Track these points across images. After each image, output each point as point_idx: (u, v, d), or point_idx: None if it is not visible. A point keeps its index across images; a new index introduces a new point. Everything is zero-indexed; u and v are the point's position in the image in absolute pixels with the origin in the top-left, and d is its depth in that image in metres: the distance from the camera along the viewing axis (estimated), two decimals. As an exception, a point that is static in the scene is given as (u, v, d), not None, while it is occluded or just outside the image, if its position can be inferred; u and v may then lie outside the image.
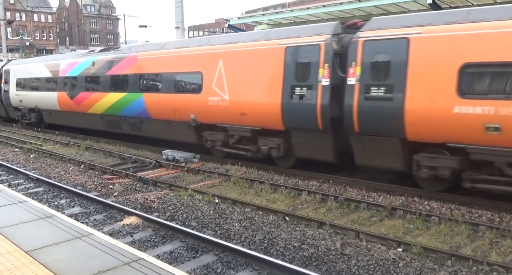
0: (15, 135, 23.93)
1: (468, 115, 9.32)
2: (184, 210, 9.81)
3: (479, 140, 9.35)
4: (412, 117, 10.10)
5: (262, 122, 13.29)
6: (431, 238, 8.27)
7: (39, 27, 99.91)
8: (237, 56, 13.89)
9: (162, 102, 16.28)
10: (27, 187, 12.44)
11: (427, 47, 9.99)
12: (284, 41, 12.76)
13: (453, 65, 9.57)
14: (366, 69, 10.91)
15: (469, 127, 9.36)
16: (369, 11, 21.16)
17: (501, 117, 8.95)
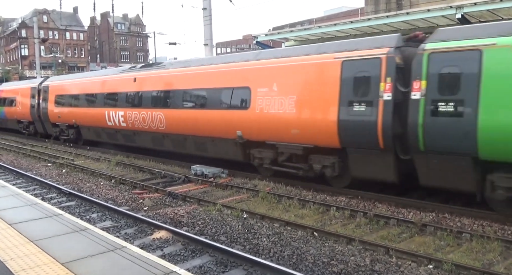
0: (48, 150, 24.49)
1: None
2: (213, 224, 9.89)
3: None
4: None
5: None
6: (462, 255, 8.15)
7: (71, 45, 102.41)
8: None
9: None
10: (60, 201, 12.73)
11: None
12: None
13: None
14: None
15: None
16: (397, 27, 21.13)
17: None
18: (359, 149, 11.92)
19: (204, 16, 24.94)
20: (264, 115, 13.91)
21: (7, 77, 75.05)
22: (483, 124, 9.41)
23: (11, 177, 16.67)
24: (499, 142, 9.26)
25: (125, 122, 20.32)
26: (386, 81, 11.14)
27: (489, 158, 9.59)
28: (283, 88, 13.50)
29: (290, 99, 13.27)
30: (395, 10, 28.36)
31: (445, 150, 10.11)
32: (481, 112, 9.47)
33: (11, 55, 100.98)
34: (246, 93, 14.55)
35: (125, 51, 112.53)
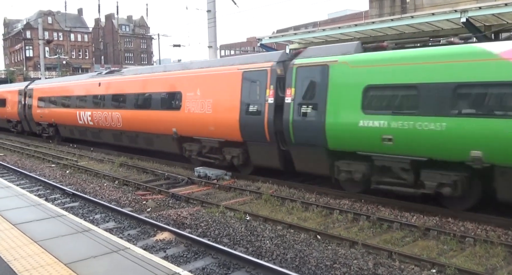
0: (51, 151, 24.57)
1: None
2: (216, 226, 9.89)
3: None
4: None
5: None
6: (465, 259, 8.13)
7: (75, 47, 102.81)
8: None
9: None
10: (63, 201, 12.76)
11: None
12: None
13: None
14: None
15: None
16: (401, 30, 21.12)
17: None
18: (254, 142, 14.70)
19: (209, 18, 25.01)
20: (191, 115, 16.68)
21: (12, 78, 75.34)
22: (329, 122, 12.19)
23: (15, 178, 16.73)
24: (339, 135, 12.07)
25: (92, 121, 23.25)
26: (270, 88, 13.97)
27: (335, 149, 12.33)
28: (204, 93, 16.29)
29: (208, 102, 16.05)
30: (400, 13, 28.35)
31: (307, 142, 12.90)
32: (327, 113, 12.24)
33: (16, 56, 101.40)
34: (179, 96, 17.38)
35: (129, 53, 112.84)
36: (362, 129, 11.41)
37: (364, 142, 11.49)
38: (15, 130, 35.73)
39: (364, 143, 11.50)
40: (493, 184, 9.97)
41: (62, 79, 31.96)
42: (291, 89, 13.28)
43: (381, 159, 11.33)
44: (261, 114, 14.06)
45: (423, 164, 10.68)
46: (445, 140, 10.03)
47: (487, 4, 17.47)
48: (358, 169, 11.90)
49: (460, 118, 9.89)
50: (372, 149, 11.40)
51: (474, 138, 9.66)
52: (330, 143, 12.25)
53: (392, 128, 10.85)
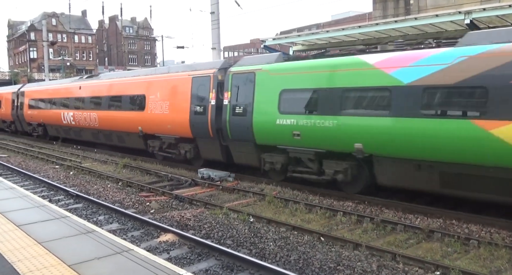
0: (55, 152, 24.63)
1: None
2: (219, 228, 9.89)
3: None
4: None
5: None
6: (470, 261, 8.10)
7: (79, 48, 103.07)
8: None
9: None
10: (67, 203, 12.78)
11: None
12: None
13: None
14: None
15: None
16: (405, 32, 21.09)
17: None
18: (202, 138, 16.94)
19: (212, 20, 25.03)
20: (153, 115, 18.97)
21: (16, 79, 75.55)
22: (255, 121, 14.37)
23: (19, 179, 16.77)
24: (263, 132, 14.26)
25: (74, 121, 25.67)
26: (212, 92, 16.14)
27: (261, 143, 14.50)
28: (162, 96, 18.58)
29: (166, 103, 18.35)
30: (403, 15, 28.30)
31: (241, 138, 15.07)
32: (254, 113, 14.41)
33: (20, 57, 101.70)
34: (143, 99, 19.69)
35: (133, 55, 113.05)
36: (279, 126, 13.65)
37: (280, 137, 13.76)
38: (9, 130, 38.24)
39: (280, 138, 13.79)
40: (373, 171, 11.99)
41: (50, 82, 34.01)
42: (228, 93, 15.50)
43: (293, 151, 13.59)
44: (205, 114, 16.33)
45: (324, 155, 12.87)
46: (336, 135, 12.28)
47: (491, 5, 17.43)
48: (278, 160, 14.17)
49: (346, 117, 12.02)
50: (286, 143, 13.66)
51: (356, 133, 11.80)
52: (257, 139, 14.55)
53: (300, 126, 13.04)
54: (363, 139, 11.65)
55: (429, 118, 10.49)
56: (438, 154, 10.41)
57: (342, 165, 12.44)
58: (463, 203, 11.16)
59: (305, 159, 13.38)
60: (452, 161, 10.25)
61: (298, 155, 13.50)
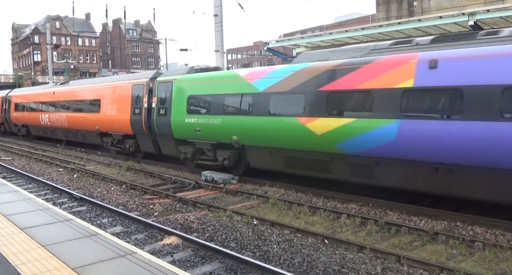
0: (59, 155, 24.67)
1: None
2: (223, 231, 9.87)
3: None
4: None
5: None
6: (475, 264, 8.05)
7: (83, 51, 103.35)
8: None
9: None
10: (71, 205, 12.78)
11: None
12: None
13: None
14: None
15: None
16: (408, 34, 21.08)
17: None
18: (139, 135, 20.71)
19: (215, 23, 25.05)
20: (106, 116, 22.79)
21: (20, 82, 75.76)
22: (172, 120, 18.02)
23: (23, 182, 16.79)
24: (178, 129, 17.88)
25: (49, 122, 29.62)
26: (145, 97, 19.91)
27: (177, 137, 18.17)
28: (112, 100, 22.38)
29: (114, 106, 22.14)
30: (407, 17, 28.28)
31: (164, 134, 18.76)
32: (172, 113, 18.08)
33: (24, 61, 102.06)
34: (99, 103, 23.45)
35: (136, 57, 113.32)
36: (187, 124, 17.31)
37: (188, 132, 17.38)
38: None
39: (189, 133, 17.42)
40: (247, 157, 15.64)
41: (33, 88, 39.64)
42: (155, 98, 19.20)
43: (198, 143, 17.29)
44: (141, 115, 20.06)
45: (217, 146, 16.49)
46: (222, 130, 15.83)
47: (495, 7, 17.42)
48: (189, 151, 17.79)
49: (227, 116, 15.62)
50: (193, 137, 17.30)
51: (233, 128, 15.39)
52: (174, 134, 18.18)
53: (200, 123, 16.71)
54: (238, 132, 15.30)
55: (274, 116, 14.02)
56: (280, 143, 13.99)
57: (227, 153, 16.09)
58: (467, 205, 11.11)
59: (205, 149, 17.11)
60: (289, 148, 13.78)
61: (201, 146, 17.25)
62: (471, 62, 9.93)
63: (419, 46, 11.53)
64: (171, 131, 18.13)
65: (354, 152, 12.02)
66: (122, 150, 22.44)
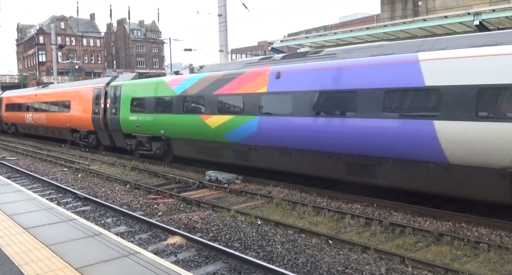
0: (64, 155, 24.75)
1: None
2: (227, 231, 9.86)
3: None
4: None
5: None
6: (480, 265, 8.00)
7: (88, 51, 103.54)
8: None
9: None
10: (75, 205, 12.80)
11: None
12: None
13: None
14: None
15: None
16: (413, 33, 21.00)
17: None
18: (99, 130, 24.76)
19: (220, 23, 25.04)
20: (74, 115, 26.94)
21: (25, 82, 76.03)
22: (120, 118, 22.02)
23: (28, 181, 16.83)
24: (124, 125, 21.71)
25: (32, 120, 34.14)
26: (102, 98, 23.79)
27: (125, 132, 22.03)
28: (78, 101, 26.54)
29: (80, 107, 26.34)
30: (412, 16, 28.18)
31: (115, 129, 22.76)
32: (120, 112, 21.94)
33: (29, 61, 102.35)
34: (69, 104, 27.71)
35: (141, 57, 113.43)
36: (131, 121, 21.23)
37: (132, 128, 21.36)
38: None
39: (132, 129, 21.38)
40: (172, 147, 19.62)
41: (22, 90, 43.47)
42: (109, 99, 23.16)
43: (138, 136, 21.26)
44: (99, 114, 23.98)
45: (151, 138, 20.37)
46: (153, 126, 19.79)
47: (501, 6, 17.32)
48: (133, 143, 21.90)
49: (157, 114, 19.50)
50: (135, 131, 21.30)
51: (161, 124, 19.28)
52: (123, 129, 22.19)
53: (139, 120, 20.61)
54: (164, 127, 19.23)
55: (186, 114, 17.72)
56: (191, 135, 17.84)
57: (158, 144, 20.16)
58: (472, 205, 11.05)
59: (144, 141, 21.03)
60: (197, 139, 17.66)
61: (141, 139, 21.16)
62: (297, 74, 13.78)
63: (273, 61, 15.21)
64: (120, 127, 22.21)
65: (234, 141, 15.76)
66: (87, 143, 26.51)
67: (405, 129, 10.97)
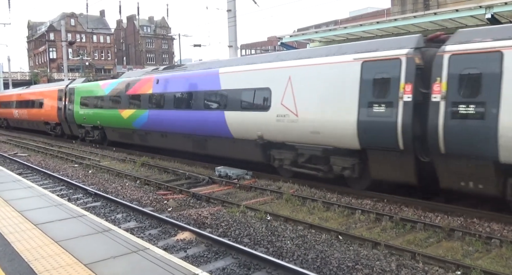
0: (74, 151, 24.88)
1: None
2: (236, 226, 9.84)
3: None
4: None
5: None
6: (492, 261, 7.91)
7: (98, 48, 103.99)
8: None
9: None
10: (86, 201, 12.85)
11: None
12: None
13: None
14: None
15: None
16: (424, 27, 20.79)
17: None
18: (62, 122, 30.72)
19: (229, 18, 24.96)
20: (46, 111, 33.23)
21: (36, 79, 76.50)
22: (74, 112, 28.28)
23: (39, 178, 16.93)
24: (78, 118, 28.10)
25: (18, 115, 40.64)
26: (63, 98, 29.94)
27: (80, 124, 28.19)
28: (48, 100, 32.67)
29: (49, 104, 32.63)
30: (422, 10, 27.89)
31: (72, 122, 28.85)
32: (74, 108, 28.28)
33: (40, 58, 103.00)
34: (42, 101, 34.02)
35: (150, 54, 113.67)
36: (80, 114, 27.18)
37: (81, 120, 27.41)
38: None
39: (81, 120, 27.49)
40: (106, 134, 25.88)
41: (11, 90, 50.55)
42: (68, 98, 29.60)
43: (86, 126, 27.50)
44: (62, 110, 30.29)
45: (94, 128, 26.49)
46: (93, 118, 25.90)
47: (513, -1, 17.03)
48: (83, 131, 27.96)
49: (95, 109, 25.44)
50: (83, 122, 27.48)
51: (97, 117, 25.32)
52: (76, 121, 28.29)
53: (85, 114, 26.59)
54: (99, 119, 25.45)
55: (111, 109, 23.85)
56: (114, 124, 24.03)
57: (97, 132, 26.55)
58: (484, 201, 10.94)
59: (89, 130, 27.40)
60: (118, 127, 23.84)
61: (87, 128, 27.56)
62: (166, 81, 19.88)
63: (158, 71, 21.64)
64: (74, 119, 28.47)
65: (137, 127, 21.93)
66: (55, 133, 33.44)
67: (213, 117, 16.81)
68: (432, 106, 10.37)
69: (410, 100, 10.84)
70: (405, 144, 10.96)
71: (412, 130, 10.81)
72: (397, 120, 10.99)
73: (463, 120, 9.92)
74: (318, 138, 13.00)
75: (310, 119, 13.12)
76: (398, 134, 10.99)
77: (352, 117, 11.93)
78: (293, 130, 13.68)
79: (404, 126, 10.87)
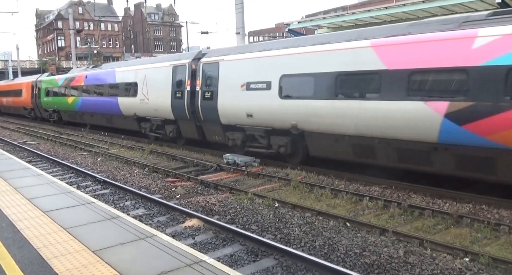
0: (83, 139, 25.00)
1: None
2: (244, 213, 9.86)
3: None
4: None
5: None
6: (500, 248, 7.88)
7: (106, 36, 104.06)
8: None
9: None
10: (95, 188, 12.92)
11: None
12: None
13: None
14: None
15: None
16: (433, 12, 20.55)
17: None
18: (35, 107, 39.31)
19: (236, 4, 24.80)
20: (24, 98, 41.10)
21: (45, 68, 76.76)
22: (42, 99, 36.85)
23: (48, 165, 17.04)
24: (44, 104, 36.70)
25: (6, 103, 48.76)
26: (35, 88, 38.20)
27: (44, 108, 37.18)
28: (25, 89, 40.67)
29: (26, 93, 40.39)
30: (432, -5, 27.50)
31: (40, 107, 37.98)
32: (41, 96, 36.75)
33: (48, 46, 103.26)
34: (23, 91, 41.16)
35: (158, 41, 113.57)
36: (45, 101, 35.61)
37: (46, 105, 35.84)
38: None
39: (46, 106, 35.82)
40: (61, 116, 34.57)
41: (2, 82, 56.98)
42: (37, 88, 36.94)
43: (49, 110, 35.76)
44: (34, 98, 38.11)
45: (54, 110, 35.04)
46: (52, 103, 34.32)
47: (524, -17, 16.81)
48: (47, 114, 36.54)
49: (54, 97, 33.81)
50: (48, 107, 35.63)
51: (56, 102, 33.78)
52: (43, 106, 36.21)
53: (48, 101, 35.01)
54: (56, 104, 33.27)
55: (64, 97, 31.52)
56: (66, 108, 31.92)
57: (56, 114, 34.47)
58: (493, 188, 10.87)
59: (51, 112, 35.04)
60: (68, 110, 31.49)
61: (50, 111, 35.25)
62: (90, 76, 28.14)
63: (88, 69, 29.44)
64: (42, 105, 36.30)
65: (77, 110, 29.73)
66: (31, 116, 41.36)
67: (112, 102, 24.50)
68: (197, 94, 17.90)
69: (189, 90, 18.42)
70: (189, 115, 18.68)
71: (191, 107, 18.38)
72: (185, 102, 18.65)
73: (207, 101, 17.33)
74: (157, 113, 20.97)
75: (153, 102, 21.03)
76: (186, 110, 18.71)
77: (168, 100, 19.83)
78: (147, 109, 21.54)
79: (187, 105, 18.57)
